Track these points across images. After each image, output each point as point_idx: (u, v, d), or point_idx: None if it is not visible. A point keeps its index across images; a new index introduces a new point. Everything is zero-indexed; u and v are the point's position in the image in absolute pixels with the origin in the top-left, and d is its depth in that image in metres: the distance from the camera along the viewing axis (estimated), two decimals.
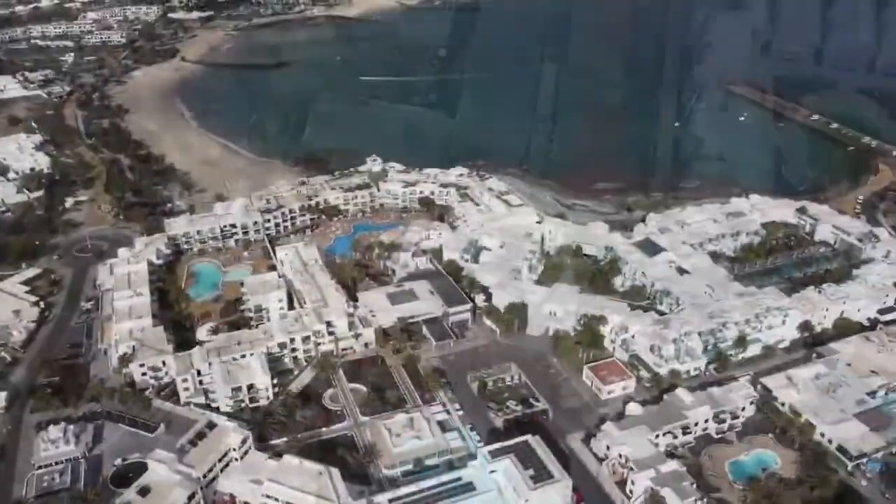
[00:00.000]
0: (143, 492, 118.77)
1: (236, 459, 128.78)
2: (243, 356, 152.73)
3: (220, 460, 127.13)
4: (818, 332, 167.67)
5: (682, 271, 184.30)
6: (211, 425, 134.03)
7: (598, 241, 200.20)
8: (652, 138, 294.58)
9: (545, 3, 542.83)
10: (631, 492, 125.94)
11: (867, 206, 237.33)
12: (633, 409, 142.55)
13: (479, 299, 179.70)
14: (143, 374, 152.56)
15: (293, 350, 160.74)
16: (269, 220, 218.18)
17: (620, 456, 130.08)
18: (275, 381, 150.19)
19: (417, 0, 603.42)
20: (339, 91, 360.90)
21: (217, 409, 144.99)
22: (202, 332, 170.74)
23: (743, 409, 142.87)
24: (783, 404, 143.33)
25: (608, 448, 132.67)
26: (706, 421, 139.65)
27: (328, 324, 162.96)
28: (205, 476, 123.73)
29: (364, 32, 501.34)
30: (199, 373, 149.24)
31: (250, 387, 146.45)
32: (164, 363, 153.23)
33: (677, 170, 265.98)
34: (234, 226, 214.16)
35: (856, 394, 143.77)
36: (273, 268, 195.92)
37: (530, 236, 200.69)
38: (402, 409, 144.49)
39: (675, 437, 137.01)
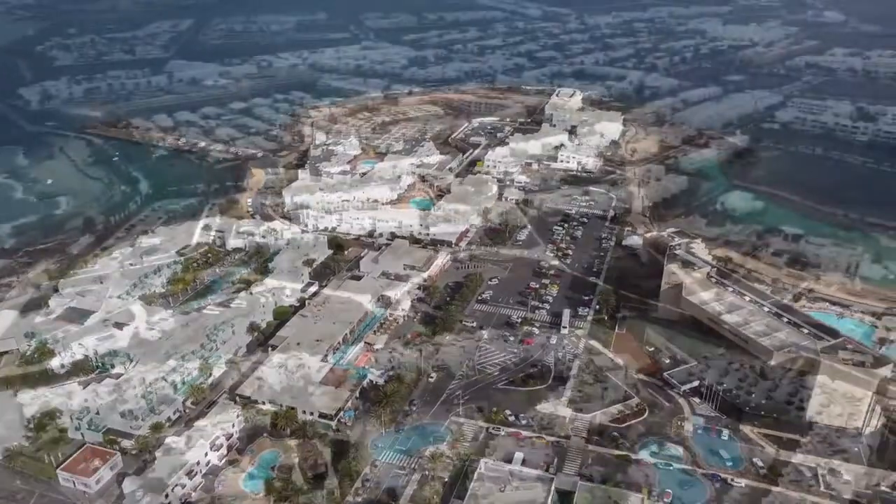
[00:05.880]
0: None
1: None
2: None
3: None
4: (265, 328, 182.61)
5: (120, 325, 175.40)
6: None
7: (10, 333, 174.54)
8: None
9: None
10: None
11: (256, 205, 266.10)
12: (130, 483, 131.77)
13: None
14: None
15: None
16: None
17: None
18: None
19: None
20: None
21: None
22: None
23: (233, 425, 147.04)
24: (264, 403, 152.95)
25: None
26: (206, 454, 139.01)
27: None
28: None
29: None
30: None
31: None
32: None
33: (65, 228, 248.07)
34: None
35: (312, 362, 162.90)
36: None
37: None
38: None
39: (184, 485, 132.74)
